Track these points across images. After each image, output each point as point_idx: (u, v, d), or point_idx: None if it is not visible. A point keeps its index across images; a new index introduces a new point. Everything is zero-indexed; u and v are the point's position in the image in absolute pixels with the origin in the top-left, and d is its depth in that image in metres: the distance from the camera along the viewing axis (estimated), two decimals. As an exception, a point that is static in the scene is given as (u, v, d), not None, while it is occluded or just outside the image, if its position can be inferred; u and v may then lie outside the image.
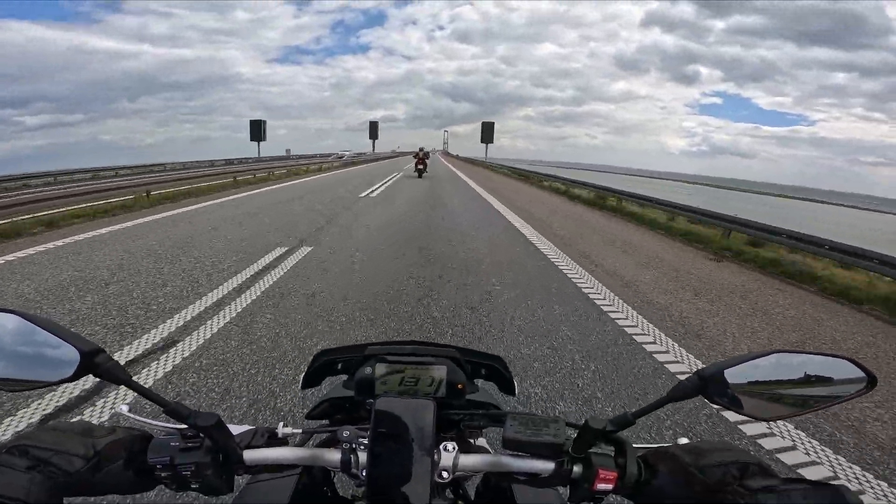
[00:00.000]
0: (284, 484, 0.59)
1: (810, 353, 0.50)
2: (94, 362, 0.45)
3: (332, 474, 0.64)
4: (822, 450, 2.18)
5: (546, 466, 0.50)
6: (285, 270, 4.64)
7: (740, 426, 2.27)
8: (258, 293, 3.89)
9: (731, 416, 2.30)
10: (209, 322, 3.24)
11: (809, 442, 2.23)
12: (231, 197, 11.08)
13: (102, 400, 2.19)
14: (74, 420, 1.27)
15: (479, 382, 0.69)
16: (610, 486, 0.48)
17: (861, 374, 0.48)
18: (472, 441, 0.68)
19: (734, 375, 0.47)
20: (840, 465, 2.08)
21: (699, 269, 5.85)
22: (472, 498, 0.65)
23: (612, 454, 0.49)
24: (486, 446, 0.69)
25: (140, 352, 2.77)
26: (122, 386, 0.46)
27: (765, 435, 2.23)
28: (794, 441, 2.22)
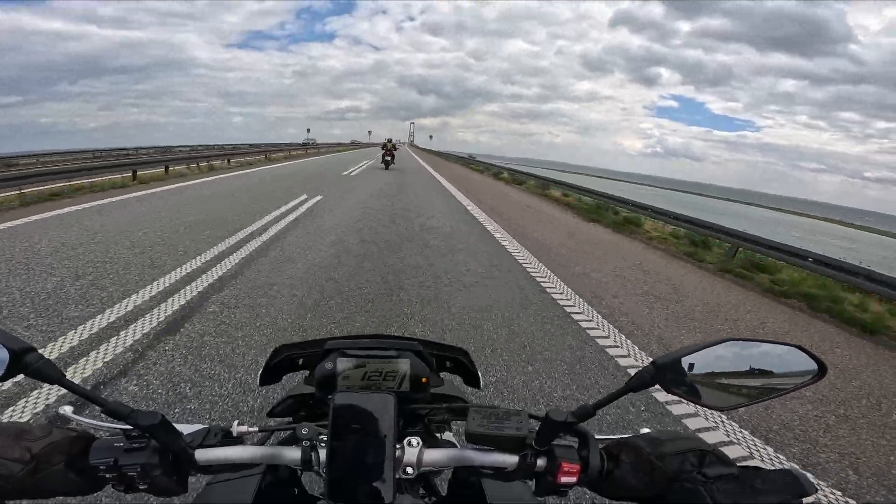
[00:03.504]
0: (247, 483, 0.57)
1: (762, 340, 0.50)
2: (24, 361, 0.43)
3: (299, 472, 0.63)
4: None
5: (510, 460, 0.50)
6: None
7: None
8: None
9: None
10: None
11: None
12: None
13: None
14: (7, 421, 1.18)
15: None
16: (574, 479, 0.48)
17: (811, 362, 0.49)
18: (438, 435, 0.68)
19: (689, 364, 0.48)
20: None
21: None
22: (444, 493, 0.66)
23: (576, 446, 0.49)
24: (453, 440, 0.68)
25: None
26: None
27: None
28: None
